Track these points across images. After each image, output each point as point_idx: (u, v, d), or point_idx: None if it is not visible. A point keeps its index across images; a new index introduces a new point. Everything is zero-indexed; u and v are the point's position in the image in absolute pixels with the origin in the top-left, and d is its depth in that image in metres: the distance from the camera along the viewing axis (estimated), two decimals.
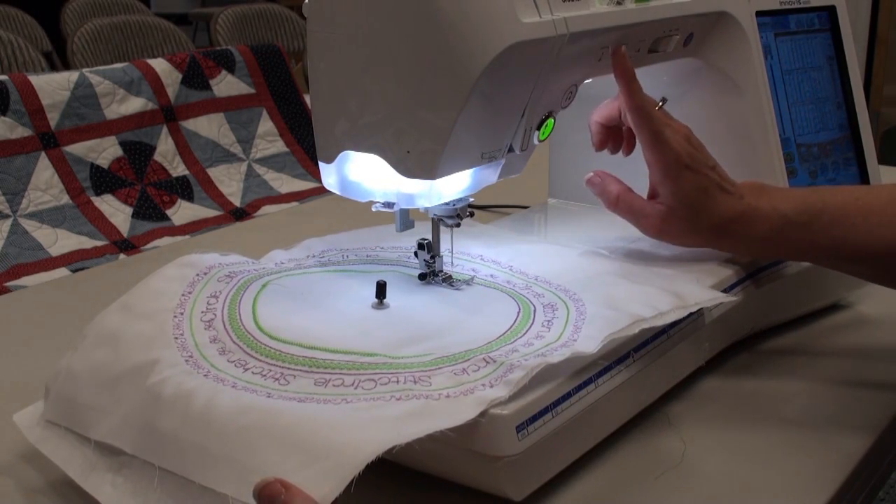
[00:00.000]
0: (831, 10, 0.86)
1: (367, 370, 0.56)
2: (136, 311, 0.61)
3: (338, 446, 0.47)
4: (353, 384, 0.54)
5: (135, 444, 0.53)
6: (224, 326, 0.61)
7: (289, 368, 0.56)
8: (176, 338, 0.59)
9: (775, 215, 0.68)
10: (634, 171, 0.73)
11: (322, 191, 1.08)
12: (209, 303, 0.63)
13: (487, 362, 0.55)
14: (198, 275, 0.66)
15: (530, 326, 0.62)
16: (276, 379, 0.55)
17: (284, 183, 1.31)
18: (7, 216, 1.06)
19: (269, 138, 1.35)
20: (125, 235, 1.12)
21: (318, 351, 0.58)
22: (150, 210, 1.17)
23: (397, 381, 0.54)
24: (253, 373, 0.56)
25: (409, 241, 0.71)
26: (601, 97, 0.76)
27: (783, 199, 0.68)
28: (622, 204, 0.74)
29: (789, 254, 0.71)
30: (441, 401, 0.52)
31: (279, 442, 0.48)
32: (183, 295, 0.63)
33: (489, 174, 0.67)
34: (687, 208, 0.69)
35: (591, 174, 0.75)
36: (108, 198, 1.15)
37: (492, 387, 0.53)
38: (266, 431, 0.49)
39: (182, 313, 0.61)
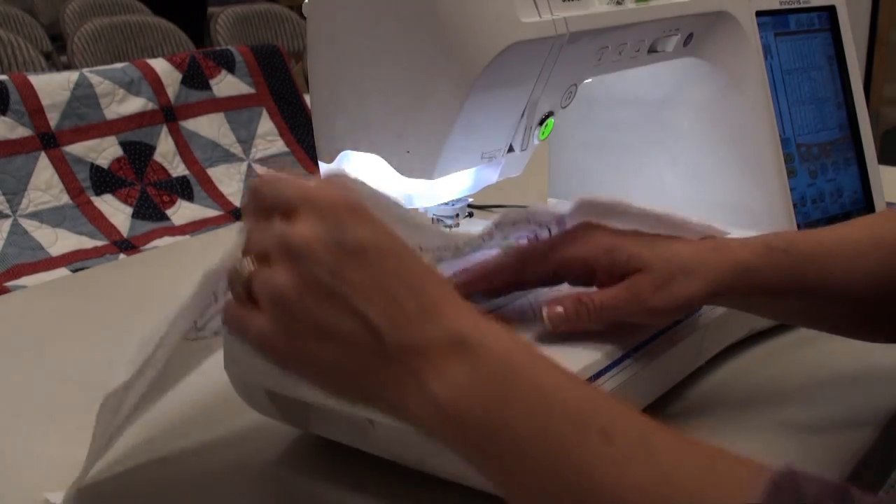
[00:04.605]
0: (831, 10, 0.86)
1: None
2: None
3: None
4: None
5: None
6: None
7: None
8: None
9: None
10: (634, 172, 0.73)
11: None
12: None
13: None
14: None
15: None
16: None
17: None
18: (7, 216, 1.06)
19: (269, 138, 1.35)
20: (125, 235, 1.12)
21: None
22: (150, 210, 1.17)
23: None
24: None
25: None
26: (601, 97, 0.75)
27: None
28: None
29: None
30: None
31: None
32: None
33: (489, 174, 0.67)
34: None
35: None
36: (108, 198, 1.15)
37: None
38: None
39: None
